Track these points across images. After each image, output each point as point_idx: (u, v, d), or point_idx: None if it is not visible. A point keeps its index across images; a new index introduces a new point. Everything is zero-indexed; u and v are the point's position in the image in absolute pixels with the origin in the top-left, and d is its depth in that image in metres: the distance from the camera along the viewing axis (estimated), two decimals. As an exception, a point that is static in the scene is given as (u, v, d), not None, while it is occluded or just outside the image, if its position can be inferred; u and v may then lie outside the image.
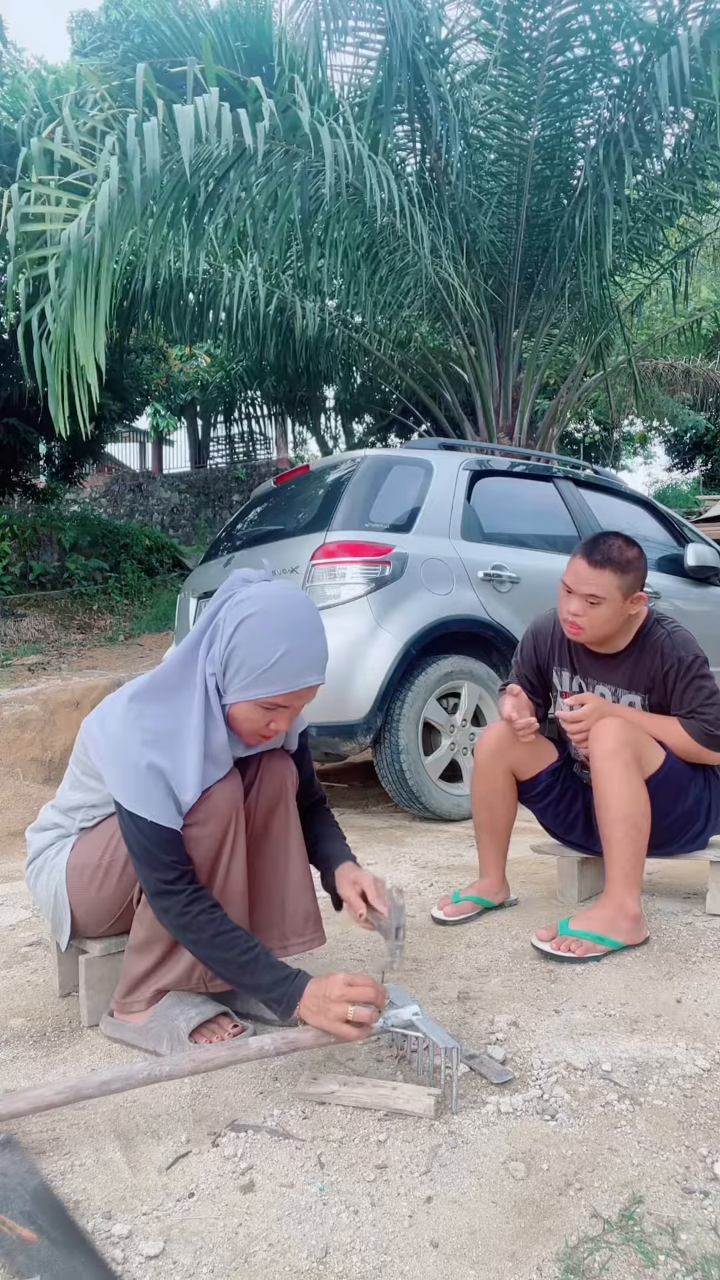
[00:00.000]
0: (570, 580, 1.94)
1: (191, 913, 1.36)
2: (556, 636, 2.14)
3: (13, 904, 2.48)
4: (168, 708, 1.46)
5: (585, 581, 1.90)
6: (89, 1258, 1.00)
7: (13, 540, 7.96)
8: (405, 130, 5.94)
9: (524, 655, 2.22)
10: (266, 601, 1.46)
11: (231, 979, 1.36)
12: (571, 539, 4.05)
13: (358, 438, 14.16)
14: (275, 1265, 0.98)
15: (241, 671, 1.43)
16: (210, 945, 1.35)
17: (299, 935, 1.61)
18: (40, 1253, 1.00)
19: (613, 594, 1.89)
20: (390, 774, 3.34)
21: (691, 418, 13.93)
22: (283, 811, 1.61)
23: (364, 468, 3.61)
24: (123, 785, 1.40)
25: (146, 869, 1.39)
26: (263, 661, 1.42)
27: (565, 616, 1.97)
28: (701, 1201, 1.06)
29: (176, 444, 16.93)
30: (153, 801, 1.39)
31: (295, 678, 1.43)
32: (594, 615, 1.92)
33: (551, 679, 2.18)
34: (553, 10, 5.12)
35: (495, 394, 6.96)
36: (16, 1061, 1.50)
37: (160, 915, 1.39)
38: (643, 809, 1.85)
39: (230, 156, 4.41)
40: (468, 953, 1.91)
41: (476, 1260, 0.98)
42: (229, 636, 1.44)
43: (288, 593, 1.49)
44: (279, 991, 1.32)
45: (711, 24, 4.68)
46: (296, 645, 1.43)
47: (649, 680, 1.99)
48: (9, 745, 4.23)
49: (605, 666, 2.05)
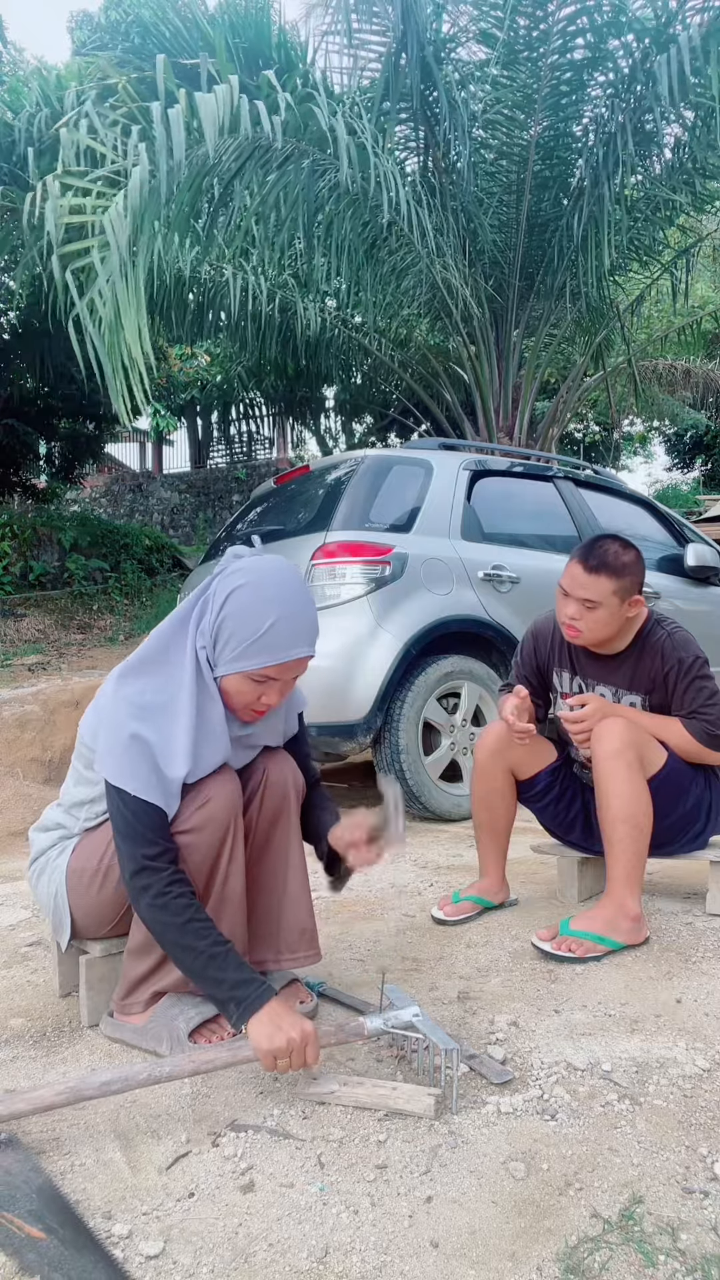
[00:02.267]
0: (566, 584, 1.94)
1: (170, 894, 1.33)
2: (556, 638, 2.14)
3: (13, 904, 2.48)
4: (158, 681, 1.45)
5: (581, 586, 1.90)
6: (98, 1255, 1.00)
7: (13, 540, 7.96)
8: (406, 130, 5.95)
9: (524, 656, 2.22)
10: (256, 574, 1.45)
11: (195, 972, 1.32)
12: (571, 539, 4.05)
13: (358, 438, 14.16)
14: (275, 1265, 0.98)
15: (231, 643, 1.42)
16: (181, 931, 1.31)
17: (293, 951, 1.60)
18: (49, 1251, 1.00)
19: (608, 598, 1.89)
20: (390, 774, 3.34)
21: (691, 416, 13.92)
22: (285, 825, 1.59)
23: (364, 468, 3.61)
24: (108, 757, 1.39)
25: (129, 844, 1.36)
26: (252, 632, 1.41)
27: (563, 620, 1.97)
28: (701, 1201, 1.06)
29: (176, 444, 16.92)
30: (137, 776, 1.37)
31: (284, 648, 1.41)
32: (591, 619, 1.92)
33: (552, 680, 2.18)
34: (555, 9, 5.12)
35: (495, 394, 6.96)
36: (16, 1061, 1.50)
37: (137, 896, 1.35)
38: (645, 809, 1.85)
39: (246, 149, 4.44)
40: (468, 953, 1.91)
41: (476, 1260, 0.98)
42: (219, 608, 1.44)
43: (277, 565, 1.48)
44: (241, 993, 1.28)
45: (711, 24, 4.68)
46: (285, 616, 1.41)
47: (649, 681, 1.99)
48: (9, 745, 4.23)
49: (606, 668, 2.05)
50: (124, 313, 3.60)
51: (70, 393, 8.72)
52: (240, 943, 1.52)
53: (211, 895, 1.47)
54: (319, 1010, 1.63)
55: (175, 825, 1.42)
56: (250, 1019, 1.26)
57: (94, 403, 8.95)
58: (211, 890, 1.47)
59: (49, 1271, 0.97)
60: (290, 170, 4.76)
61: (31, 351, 7.82)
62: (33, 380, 8.63)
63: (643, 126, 5.50)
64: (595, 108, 5.76)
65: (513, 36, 5.30)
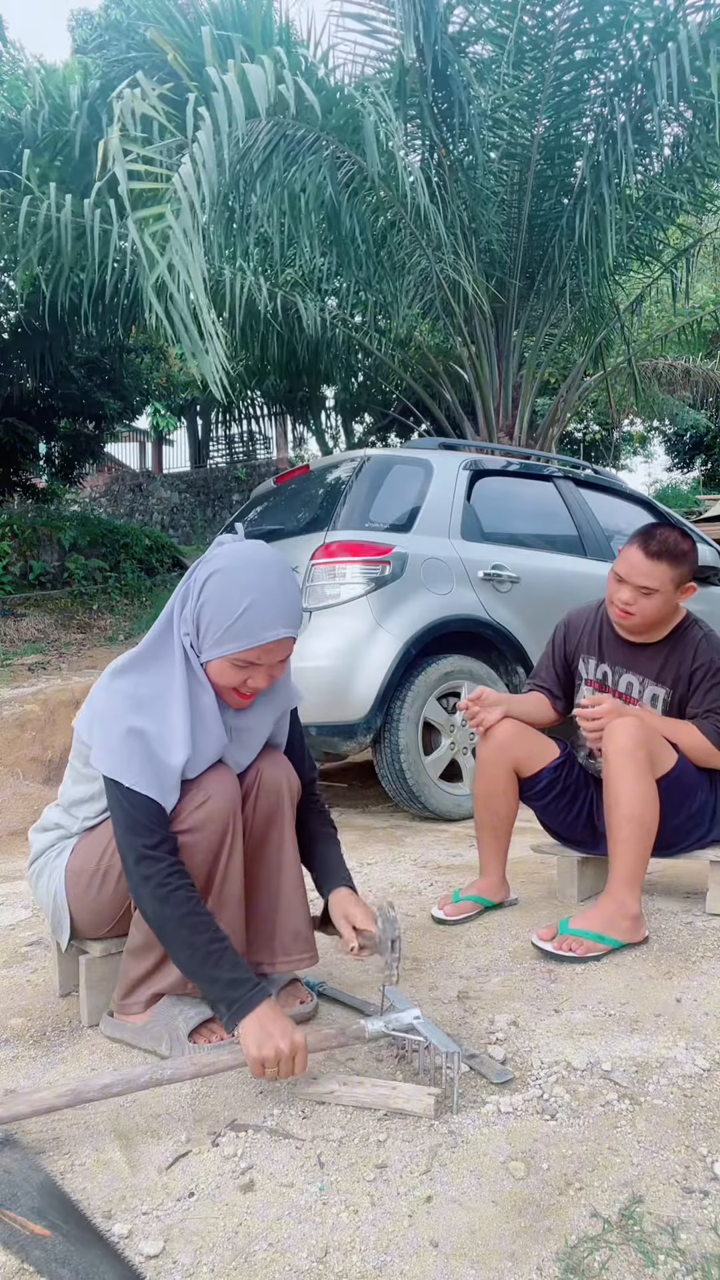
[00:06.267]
0: (623, 570, 1.96)
1: (171, 885, 1.33)
2: (589, 625, 2.18)
3: (13, 904, 2.48)
4: (150, 674, 1.45)
5: (640, 573, 1.93)
6: (104, 1250, 1.00)
7: (13, 540, 7.95)
8: (413, 127, 5.94)
9: (555, 644, 2.26)
10: (231, 558, 1.45)
11: (192, 968, 1.31)
12: (571, 539, 4.05)
13: (358, 437, 14.15)
14: (275, 1265, 0.98)
15: (211, 629, 1.43)
16: (181, 925, 1.31)
17: (287, 954, 1.59)
18: (55, 1247, 1.00)
19: (665, 585, 1.93)
20: (390, 774, 3.33)
21: (691, 416, 13.92)
22: (279, 826, 1.59)
23: (364, 468, 3.61)
24: (104, 751, 1.39)
25: (129, 835, 1.36)
26: (228, 617, 1.41)
27: (615, 605, 2.00)
28: (701, 1201, 1.06)
29: (176, 444, 16.91)
30: (132, 768, 1.37)
31: (261, 631, 1.41)
32: (645, 605, 1.96)
33: (577, 666, 2.20)
34: (562, 9, 5.13)
35: (495, 393, 6.96)
36: (16, 1061, 1.50)
37: (139, 887, 1.34)
38: (652, 810, 1.86)
39: (275, 137, 4.50)
40: (468, 952, 1.91)
41: (476, 1260, 0.98)
42: (198, 595, 1.45)
43: (253, 549, 1.48)
44: (233, 994, 1.27)
45: (711, 23, 4.68)
46: (260, 599, 1.41)
47: (675, 675, 2.03)
48: (9, 745, 4.23)
49: (634, 656, 2.08)
50: (194, 276, 3.62)
51: (70, 393, 8.71)
52: (238, 943, 1.52)
53: (211, 894, 1.47)
54: (319, 1010, 1.63)
55: (175, 825, 1.42)
56: (241, 1022, 1.26)
57: (94, 402, 8.94)
58: (211, 889, 1.47)
59: (56, 1268, 0.97)
60: (310, 162, 4.80)
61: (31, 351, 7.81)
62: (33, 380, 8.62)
63: (643, 125, 5.51)
64: (596, 107, 5.77)
65: (520, 36, 5.31)
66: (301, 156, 4.76)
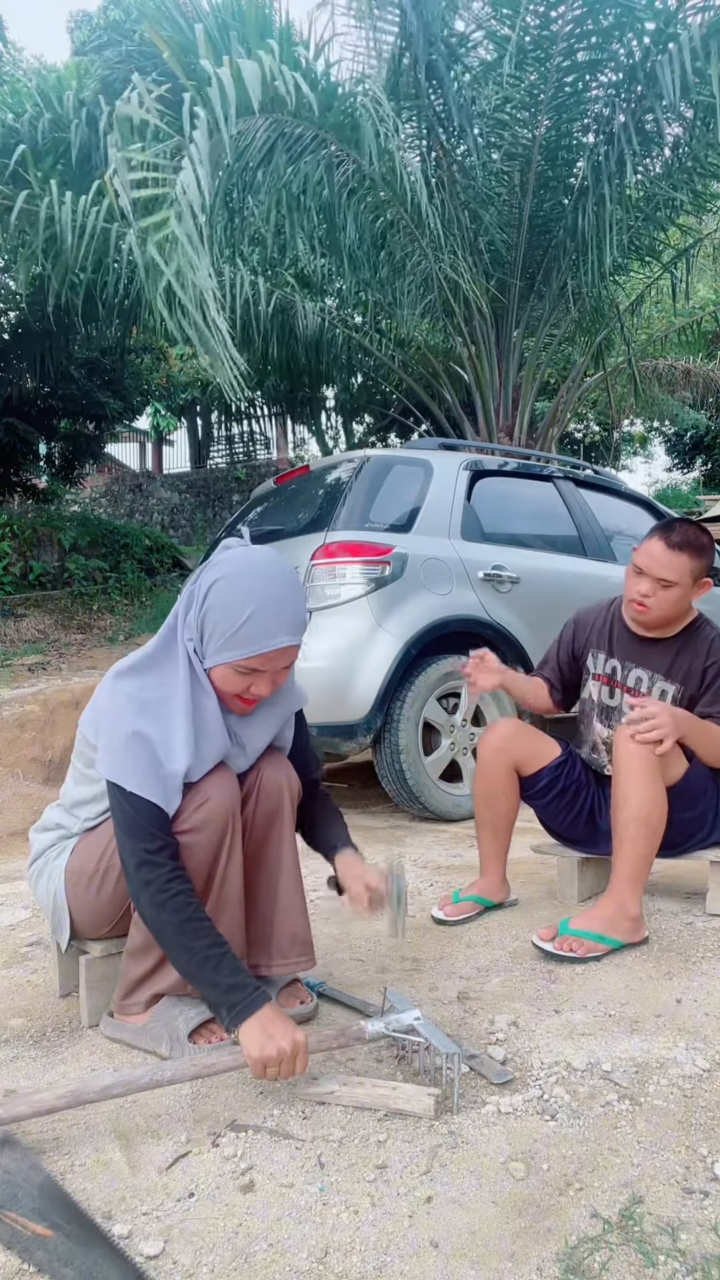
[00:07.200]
0: (643, 563, 1.97)
1: (171, 890, 1.33)
2: (599, 621, 2.19)
3: (13, 904, 2.48)
4: (155, 678, 1.45)
5: (661, 565, 1.93)
6: (106, 1249, 1.00)
7: (13, 540, 7.94)
8: (411, 129, 5.94)
9: (562, 639, 2.27)
10: (236, 565, 1.45)
11: (191, 972, 1.32)
12: (571, 539, 4.05)
13: (358, 438, 14.15)
14: (275, 1265, 0.98)
15: (214, 635, 1.42)
16: (181, 930, 1.31)
17: (284, 957, 1.59)
18: (58, 1247, 1.00)
19: (685, 578, 1.94)
20: (390, 774, 3.33)
21: (691, 416, 13.92)
22: (279, 829, 1.59)
23: (364, 468, 3.61)
24: (108, 754, 1.39)
25: (130, 839, 1.36)
26: (231, 624, 1.40)
27: (633, 597, 2.00)
28: (701, 1201, 1.06)
29: (176, 444, 16.91)
30: (137, 772, 1.37)
31: (264, 639, 1.40)
32: (663, 598, 1.96)
33: (586, 661, 2.21)
34: (566, 10, 5.13)
35: (495, 394, 6.96)
36: (16, 1061, 1.50)
37: (139, 891, 1.34)
38: (660, 813, 1.86)
39: (273, 136, 4.50)
40: (468, 953, 1.91)
41: (476, 1260, 0.98)
42: (202, 601, 1.44)
43: (259, 555, 1.47)
44: (234, 997, 1.27)
45: (711, 23, 4.68)
46: (264, 606, 1.40)
47: (686, 672, 2.03)
48: (9, 745, 4.23)
49: (645, 652, 2.08)
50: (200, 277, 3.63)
51: (70, 393, 8.71)
52: (238, 944, 1.52)
53: (210, 896, 1.47)
54: (319, 1010, 1.63)
55: (175, 825, 1.42)
56: (242, 1024, 1.26)
57: (94, 403, 8.94)
58: (211, 891, 1.47)
59: (59, 1267, 0.97)
60: (309, 161, 4.80)
61: (31, 351, 7.82)
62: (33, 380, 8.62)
63: (644, 126, 5.50)
64: (597, 107, 5.76)
65: (523, 36, 5.30)
66: (301, 155, 4.77)
